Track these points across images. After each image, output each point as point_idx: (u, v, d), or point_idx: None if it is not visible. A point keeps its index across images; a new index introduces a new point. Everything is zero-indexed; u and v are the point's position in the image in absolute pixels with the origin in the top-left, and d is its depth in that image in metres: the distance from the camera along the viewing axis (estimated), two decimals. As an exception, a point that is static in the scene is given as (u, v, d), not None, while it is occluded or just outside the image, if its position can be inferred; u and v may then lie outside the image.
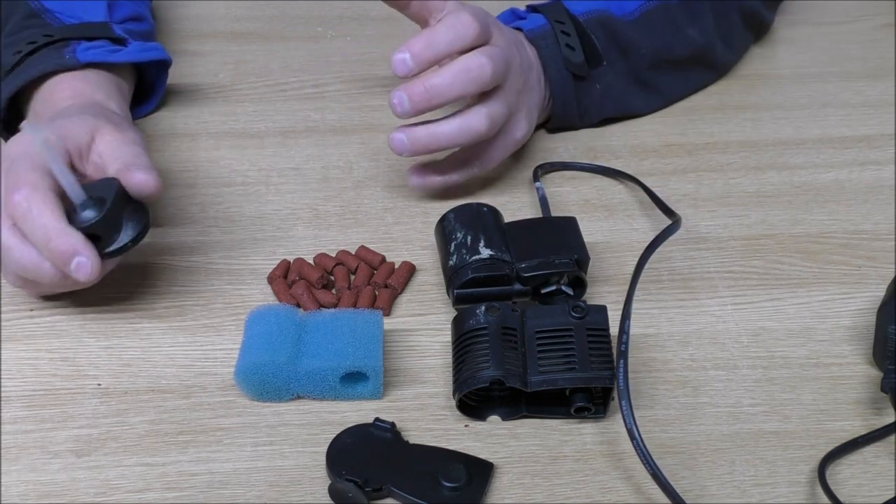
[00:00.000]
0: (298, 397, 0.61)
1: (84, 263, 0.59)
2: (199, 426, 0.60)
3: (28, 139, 0.63)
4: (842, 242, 0.73)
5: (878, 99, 0.89)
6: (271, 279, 0.69)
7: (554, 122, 0.83)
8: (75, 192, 0.61)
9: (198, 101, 0.88)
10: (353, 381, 0.60)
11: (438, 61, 0.68)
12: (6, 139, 0.76)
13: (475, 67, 0.68)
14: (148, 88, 0.85)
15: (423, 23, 0.73)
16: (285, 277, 0.69)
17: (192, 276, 0.70)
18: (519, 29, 0.80)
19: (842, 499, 0.54)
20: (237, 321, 0.66)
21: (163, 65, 0.83)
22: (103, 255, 0.61)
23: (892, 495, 0.55)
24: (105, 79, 0.76)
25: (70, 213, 0.61)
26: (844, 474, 0.57)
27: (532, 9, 0.82)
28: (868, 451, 0.58)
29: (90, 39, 0.78)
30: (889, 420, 0.59)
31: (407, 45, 0.67)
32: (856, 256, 0.72)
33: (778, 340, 0.65)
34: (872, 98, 0.89)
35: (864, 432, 0.58)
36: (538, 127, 0.84)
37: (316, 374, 0.59)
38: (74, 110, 0.69)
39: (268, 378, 0.59)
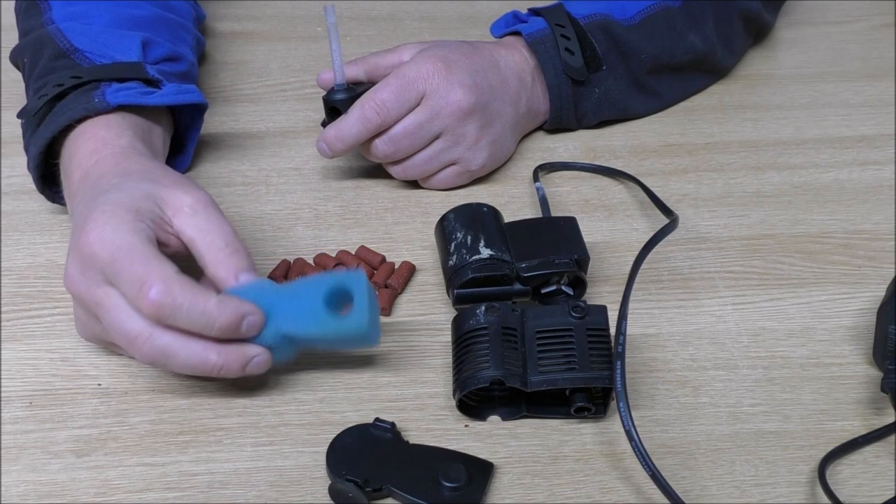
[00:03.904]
0: (288, 340, 0.58)
1: (254, 322, 0.56)
2: (199, 426, 0.60)
3: (113, 232, 0.57)
4: (842, 242, 0.73)
5: (878, 99, 0.89)
6: (271, 279, 0.69)
7: (551, 124, 0.83)
8: (339, 76, 0.74)
9: (198, 101, 0.88)
10: (339, 306, 0.58)
11: (350, 149, 0.75)
12: (48, 196, 0.72)
13: (371, 115, 0.73)
14: (181, 136, 0.78)
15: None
16: (286, 277, 0.69)
17: (192, 277, 0.70)
18: (518, 33, 0.80)
19: (842, 499, 0.54)
20: (237, 321, 0.66)
21: (198, 109, 0.77)
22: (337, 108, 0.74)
23: (893, 495, 0.55)
24: (135, 122, 0.70)
25: (329, 90, 0.75)
26: (844, 474, 0.57)
27: (534, 11, 0.82)
28: (868, 451, 0.58)
29: (121, 81, 0.72)
30: (889, 420, 0.59)
31: (323, 134, 0.74)
32: (856, 256, 0.72)
33: (778, 340, 0.65)
34: (872, 98, 0.89)
35: (864, 432, 0.58)
36: (538, 128, 0.84)
37: (298, 297, 0.57)
38: (121, 182, 0.61)
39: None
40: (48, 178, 0.72)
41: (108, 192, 0.60)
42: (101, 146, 0.66)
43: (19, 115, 0.73)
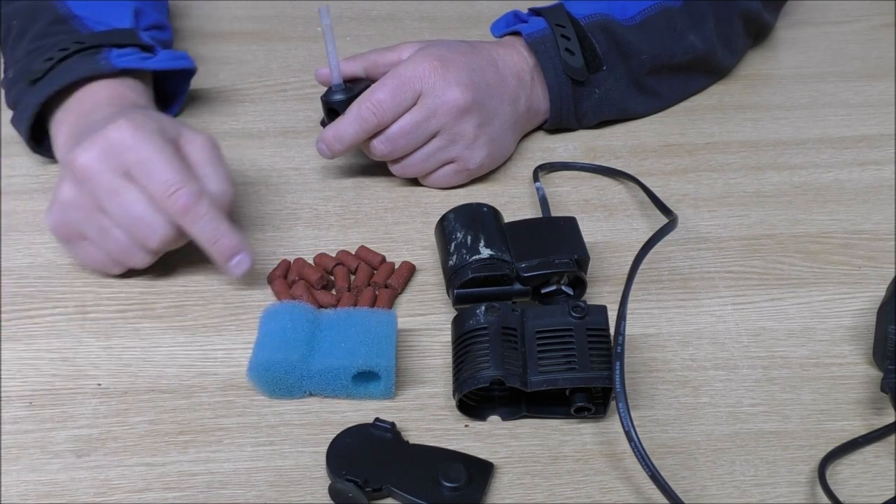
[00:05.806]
0: (311, 395, 0.61)
1: (244, 262, 0.66)
2: (199, 426, 0.60)
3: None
4: (842, 242, 0.73)
5: (878, 99, 0.89)
6: (271, 279, 0.69)
7: (551, 124, 0.83)
8: (336, 76, 0.74)
9: (198, 102, 0.88)
10: (365, 379, 0.60)
11: (349, 149, 0.75)
12: (32, 147, 0.77)
13: (367, 116, 0.73)
14: (166, 97, 0.83)
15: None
16: (285, 277, 0.69)
17: (192, 276, 0.70)
18: (518, 33, 0.80)
19: (842, 499, 0.54)
20: (237, 321, 0.66)
21: (186, 74, 0.83)
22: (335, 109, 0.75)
23: (893, 495, 0.55)
24: (139, 85, 0.76)
25: (327, 91, 0.75)
26: (844, 474, 0.57)
27: (534, 11, 0.82)
28: (868, 451, 0.58)
29: (120, 46, 0.77)
30: (889, 420, 0.59)
31: (322, 135, 0.75)
32: (856, 256, 0.72)
33: (778, 340, 0.65)
34: (872, 98, 0.89)
35: (864, 432, 0.58)
36: (538, 128, 0.84)
37: (328, 372, 0.60)
38: (140, 111, 0.68)
39: (280, 376, 0.60)
40: (33, 132, 0.76)
41: (133, 110, 0.67)
42: (116, 97, 0.72)
43: (10, 75, 0.77)
